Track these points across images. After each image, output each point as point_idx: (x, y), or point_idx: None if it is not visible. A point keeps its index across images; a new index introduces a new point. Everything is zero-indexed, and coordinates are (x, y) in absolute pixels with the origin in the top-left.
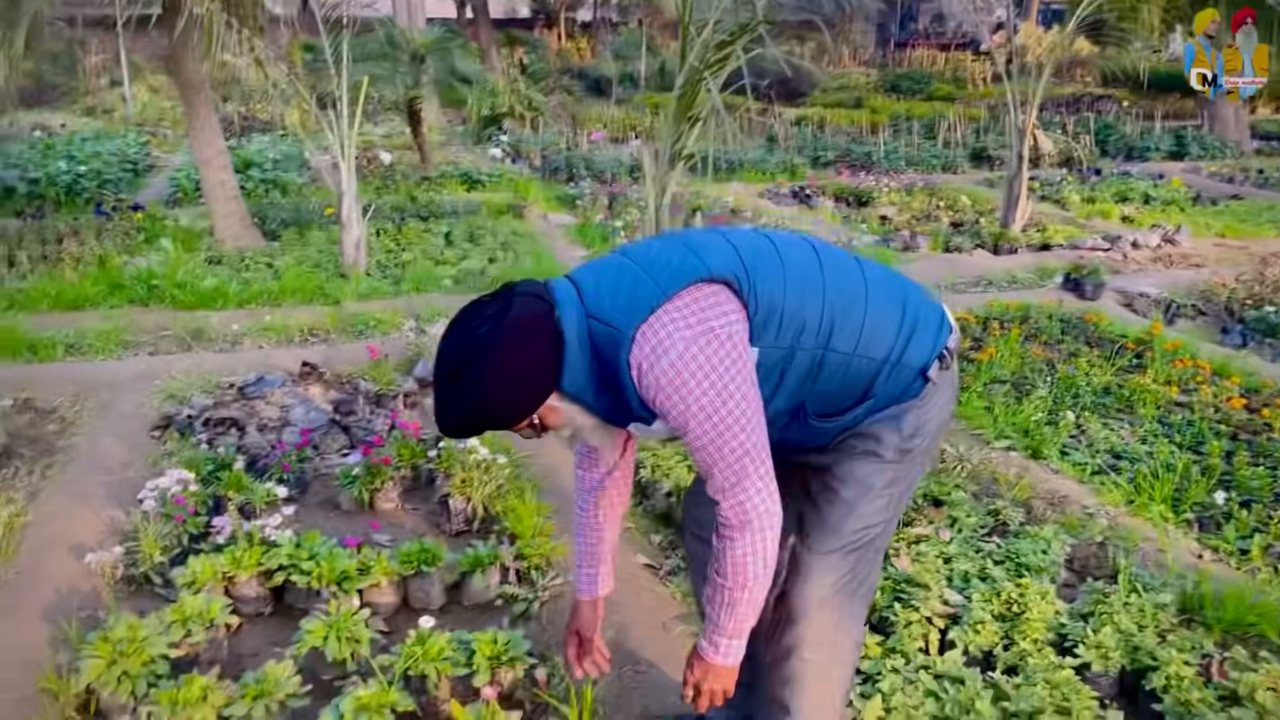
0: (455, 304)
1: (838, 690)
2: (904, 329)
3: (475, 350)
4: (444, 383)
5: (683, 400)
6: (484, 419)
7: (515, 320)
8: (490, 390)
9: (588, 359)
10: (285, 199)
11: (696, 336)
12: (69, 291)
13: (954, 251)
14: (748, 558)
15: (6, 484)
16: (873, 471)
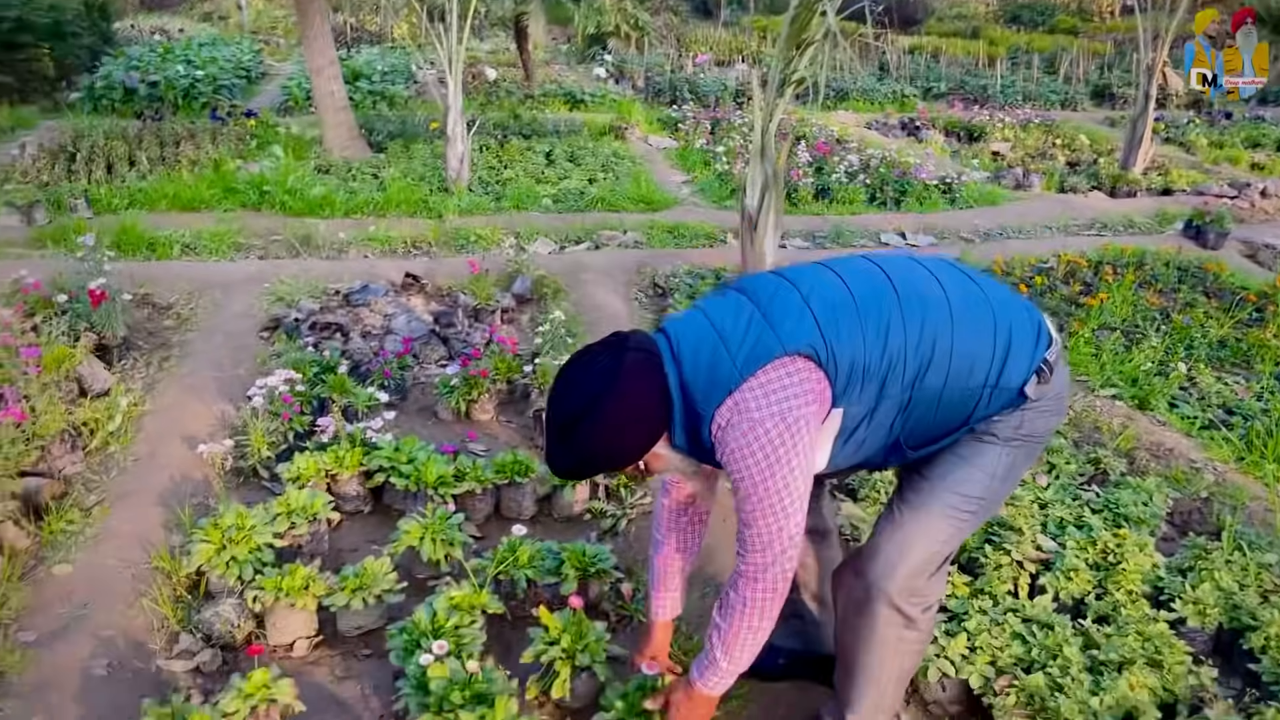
0: (554, 223)
1: (909, 652)
2: (997, 351)
3: (590, 402)
4: (558, 430)
5: (739, 471)
6: (595, 465)
7: (629, 375)
8: (603, 440)
9: (683, 415)
10: (392, 111)
11: (763, 419)
12: (185, 192)
13: (1069, 192)
14: (748, 615)
15: (126, 374)
16: (974, 447)
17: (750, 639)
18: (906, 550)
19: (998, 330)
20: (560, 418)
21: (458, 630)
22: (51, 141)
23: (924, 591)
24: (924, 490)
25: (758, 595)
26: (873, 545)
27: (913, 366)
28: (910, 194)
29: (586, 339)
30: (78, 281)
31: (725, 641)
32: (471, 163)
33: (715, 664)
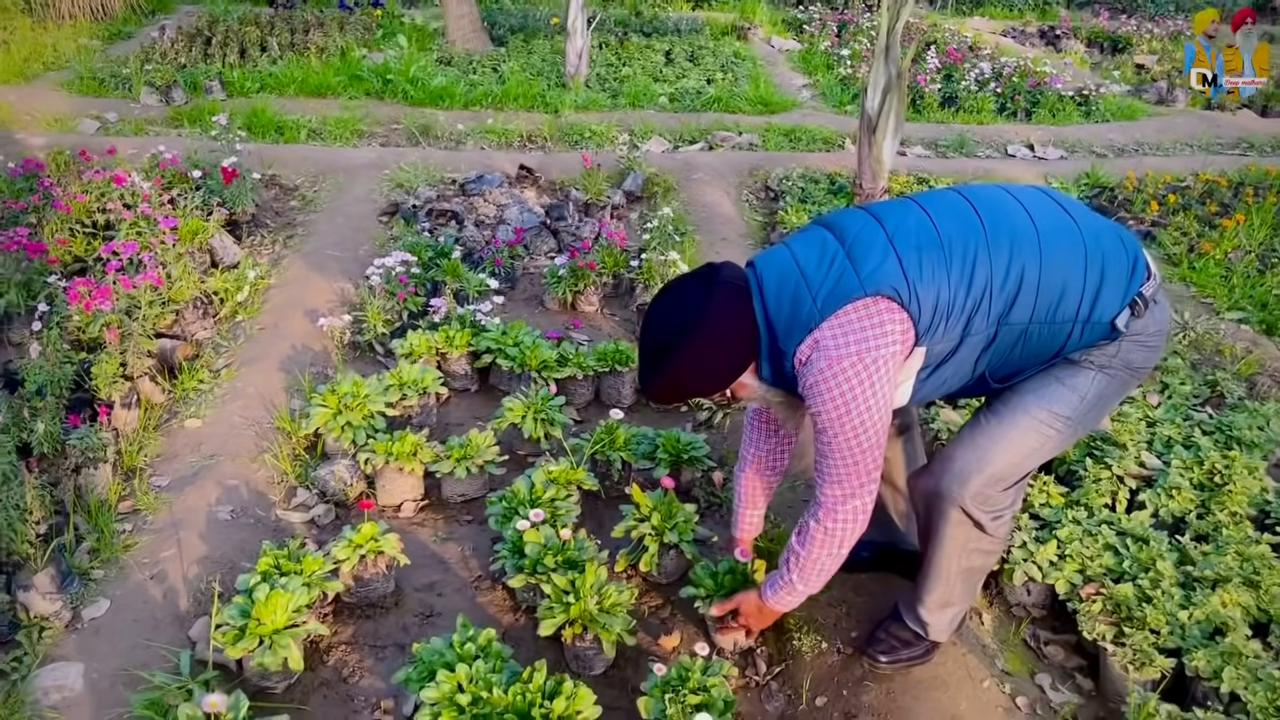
0: (669, 122)
1: (978, 552)
2: (1089, 285)
3: (684, 328)
4: (650, 354)
5: (816, 406)
6: (685, 389)
7: (722, 304)
8: (693, 367)
9: (769, 349)
10: (515, 5)
11: (840, 358)
12: (313, 78)
13: (1216, 109)
14: (825, 544)
15: (254, 249)
16: (1068, 369)
17: (826, 565)
18: (985, 459)
19: (1089, 263)
20: (652, 343)
21: (554, 502)
22: (189, 25)
23: (997, 501)
24: (1012, 402)
25: (835, 526)
26: (952, 449)
27: (999, 303)
28: (1043, 105)
29: (695, 238)
30: (211, 159)
31: (801, 566)
32: (590, 59)
33: (790, 585)
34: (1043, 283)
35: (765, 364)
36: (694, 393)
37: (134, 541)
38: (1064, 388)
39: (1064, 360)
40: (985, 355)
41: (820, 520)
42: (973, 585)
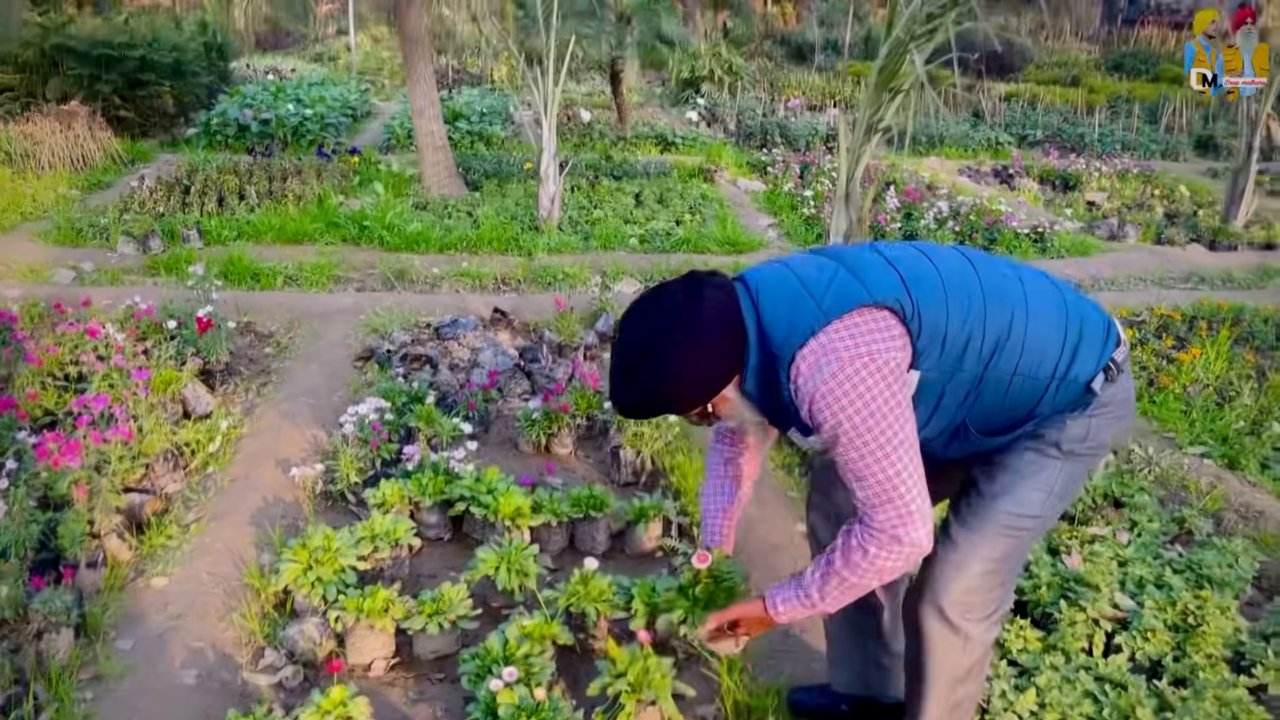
0: (640, 263)
1: (971, 678)
2: (1067, 343)
3: (664, 336)
4: (627, 364)
5: (834, 417)
6: (662, 403)
7: (706, 312)
8: (674, 377)
9: (759, 363)
10: (489, 151)
11: (853, 359)
12: (290, 226)
13: (1166, 244)
14: (864, 569)
15: (228, 398)
16: (1034, 462)
17: (852, 588)
18: (962, 567)
19: (1069, 322)
20: (629, 352)
21: (528, 659)
22: (168, 174)
23: (979, 606)
24: (980, 508)
25: (879, 554)
26: (928, 564)
27: (989, 343)
28: (1000, 242)
29: None
30: (187, 309)
31: (830, 582)
32: (562, 202)
33: (805, 595)
34: (1029, 333)
35: (753, 378)
36: (673, 405)
37: (94, 711)
38: (1031, 486)
39: (1032, 448)
40: (970, 398)
41: (861, 540)
42: (963, 714)
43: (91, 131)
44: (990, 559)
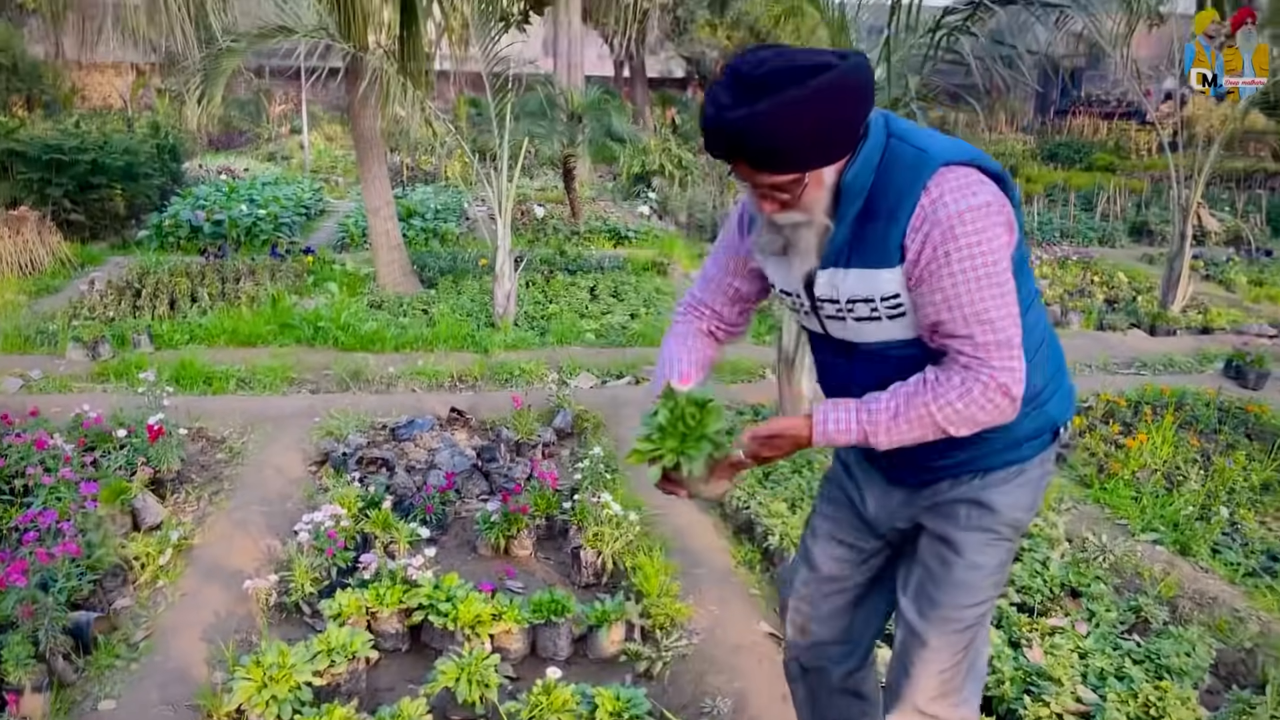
0: (596, 357)
1: None
2: (1056, 375)
3: (796, 71)
4: (744, 84)
5: (972, 247)
6: (772, 138)
7: (849, 75)
8: (800, 114)
9: (872, 174)
10: (444, 248)
11: (1001, 203)
12: (243, 328)
13: (1107, 330)
14: (961, 410)
15: (179, 507)
16: (987, 546)
17: (926, 429)
18: (932, 663)
19: (1063, 361)
20: (750, 75)
21: None
22: (119, 278)
23: (954, 691)
24: (941, 602)
25: (980, 399)
26: (900, 667)
27: (1031, 306)
28: None
29: (625, 475)
30: (137, 416)
31: (903, 409)
32: (518, 298)
33: (869, 421)
34: (1046, 334)
35: (860, 169)
36: (781, 148)
37: None
38: (986, 574)
39: (982, 532)
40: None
41: (970, 385)
42: None
43: (41, 236)
44: (959, 648)
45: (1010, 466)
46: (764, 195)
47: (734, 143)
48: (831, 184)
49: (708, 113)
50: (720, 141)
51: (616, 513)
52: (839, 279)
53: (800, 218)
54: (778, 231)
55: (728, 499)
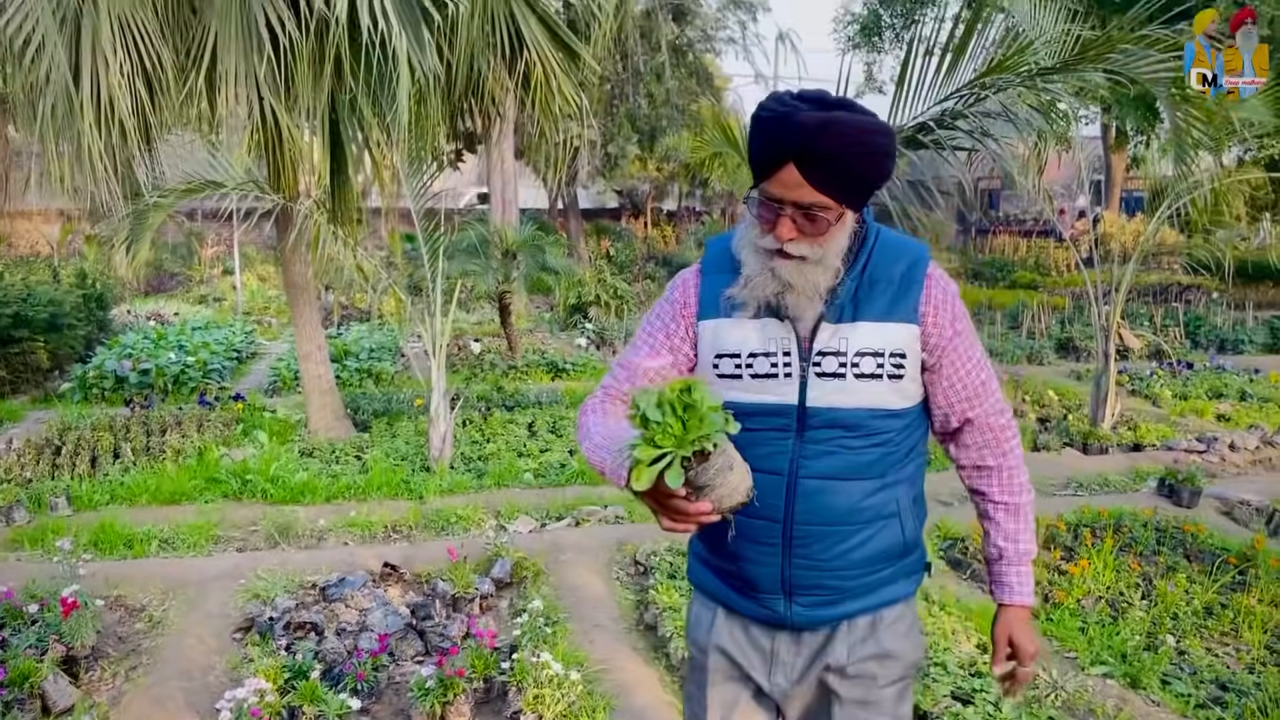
0: (535, 499)
1: None
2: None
3: (877, 119)
4: (834, 104)
5: (967, 323)
6: (850, 151)
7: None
8: (872, 145)
9: (874, 239)
10: (378, 388)
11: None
12: (167, 485)
13: (1042, 450)
14: (1023, 465)
15: (93, 686)
16: (902, 695)
17: (1031, 503)
18: None
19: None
20: (833, 98)
21: None
22: (38, 435)
23: None
24: None
25: (1020, 457)
26: None
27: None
28: None
29: (567, 626)
30: (51, 588)
31: (1023, 510)
32: (454, 439)
33: (1026, 550)
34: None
35: (868, 227)
36: (854, 166)
37: None
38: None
39: (889, 686)
40: (912, 455)
41: (1013, 449)
42: None
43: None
44: None
45: (898, 603)
46: (791, 217)
47: (803, 140)
48: (849, 232)
49: (775, 110)
50: (787, 136)
51: (557, 672)
52: (846, 331)
53: (818, 252)
54: (773, 276)
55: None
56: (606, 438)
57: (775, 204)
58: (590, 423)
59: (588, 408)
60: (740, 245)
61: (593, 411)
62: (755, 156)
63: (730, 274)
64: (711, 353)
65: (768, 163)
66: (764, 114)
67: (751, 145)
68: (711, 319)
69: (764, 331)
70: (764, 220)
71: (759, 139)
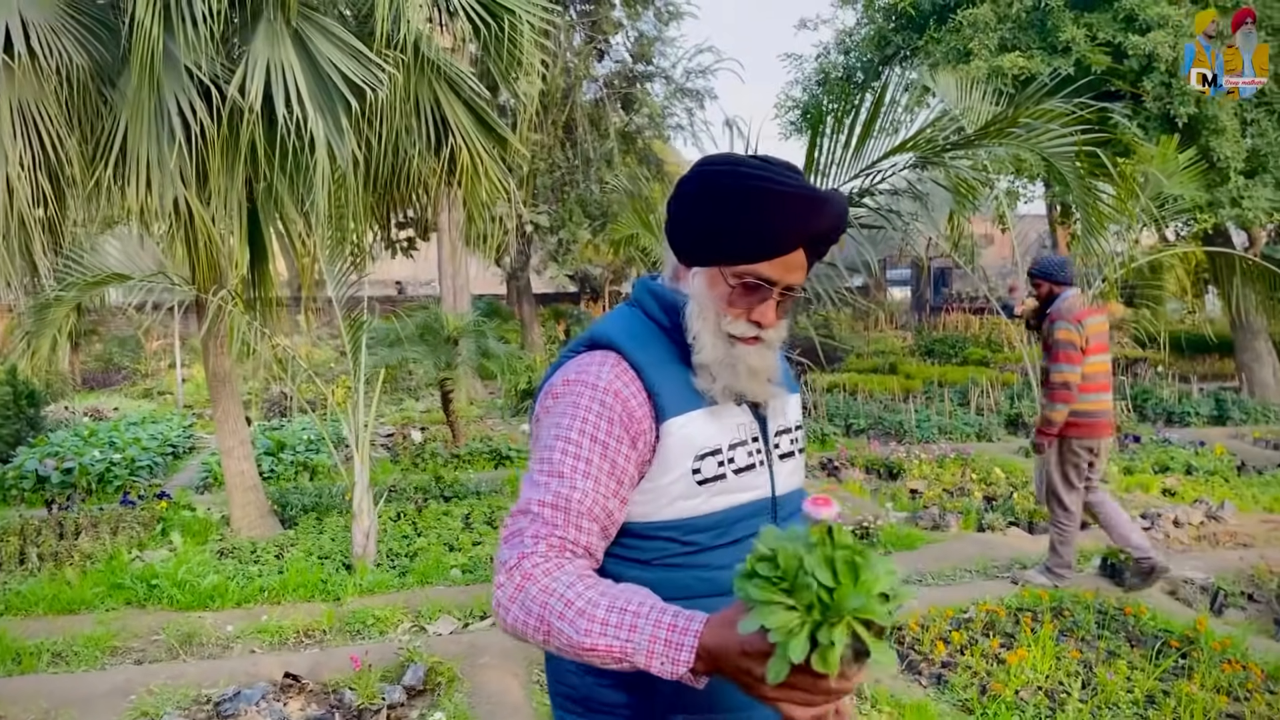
0: (460, 596)
1: None
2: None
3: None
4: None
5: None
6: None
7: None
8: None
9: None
10: (313, 483)
11: None
12: (65, 594)
13: (987, 530)
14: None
15: None
16: None
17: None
18: None
19: None
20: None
21: None
22: None
23: None
24: None
25: None
26: None
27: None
28: None
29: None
30: None
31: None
32: (381, 534)
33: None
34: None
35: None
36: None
37: None
38: None
39: None
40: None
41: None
42: None
43: None
44: None
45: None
46: (780, 301)
47: (835, 225)
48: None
49: (787, 186)
50: (816, 219)
51: None
52: (782, 403)
53: (780, 333)
54: (737, 363)
55: None
56: (623, 604)
57: (765, 287)
58: (557, 589)
59: (529, 571)
60: (699, 330)
61: (545, 575)
62: (758, 235)
63: (672, 363)
64: (688, 456)
65: (777, 244)
66: (778, 188)
67: (753, 222)
68: (680, 414)
69: (729, 418)
70: (741, 303)
71: (772, 218)
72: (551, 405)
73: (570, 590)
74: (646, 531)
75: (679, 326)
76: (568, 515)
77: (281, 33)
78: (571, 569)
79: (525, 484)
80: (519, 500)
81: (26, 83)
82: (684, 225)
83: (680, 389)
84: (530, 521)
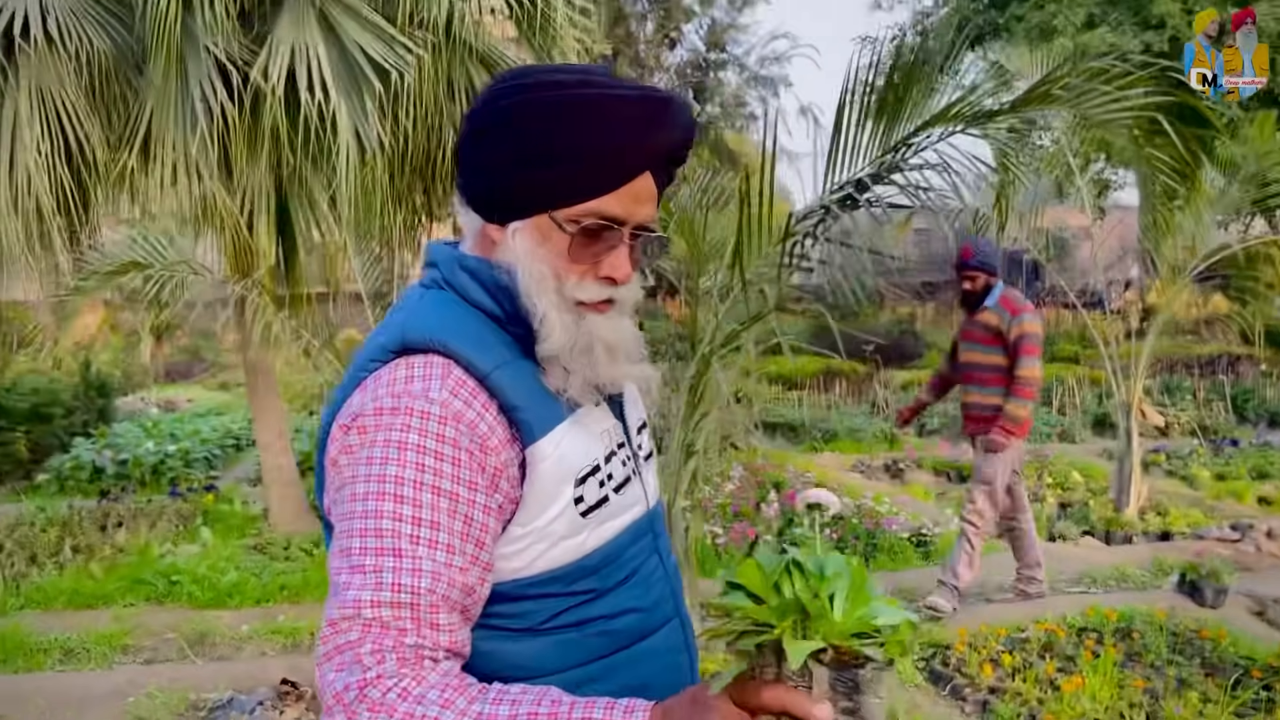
0: None
1: None
2: None
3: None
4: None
5: None
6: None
7: None
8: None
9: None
10: None
11: None
12: (88, 588)
13: (1058, 540)
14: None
15: None
16: None
17: None
18: None
19: None
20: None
21: None
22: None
23: None
24: None
25: None
26: None
27: None
28: (881, 548)
29: None
30: None
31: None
32: None
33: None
34: None
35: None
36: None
37: None
38: None
39: None
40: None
41: None
42: None
43: None
44: None
45: None
46: (629, 246)
47: (685, 136)
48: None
49: (654, 94)
50: (683, 126)
51: None
52: (631, 390)
53: (633, 291)
54: (591, 341)
55: None
56: (530, 711)
57: (613, 228)
58: (429, 715)
59: (378, 702)
60: (546, 308)
61: (403, 699)
62: (593, 160)
63: (516, 362)
64: (567, 482)
65: (620, 169)
66: (610, 95)
67: (584, 144)
68: (546, 433)
69: (594, 422)
70: (585, 256)
71: (608, 135)
72: (359, 446)
73: (450, 713)
74: (520, 592)
75: (513, 314)
76: (416, 613)
77: (307, 13)
78: (437, 681)
79: (340, 570)
80: (335, 597)
81: (45, 68)
82: (487, 171)
83: (539, 397)
84: (363, 632)
